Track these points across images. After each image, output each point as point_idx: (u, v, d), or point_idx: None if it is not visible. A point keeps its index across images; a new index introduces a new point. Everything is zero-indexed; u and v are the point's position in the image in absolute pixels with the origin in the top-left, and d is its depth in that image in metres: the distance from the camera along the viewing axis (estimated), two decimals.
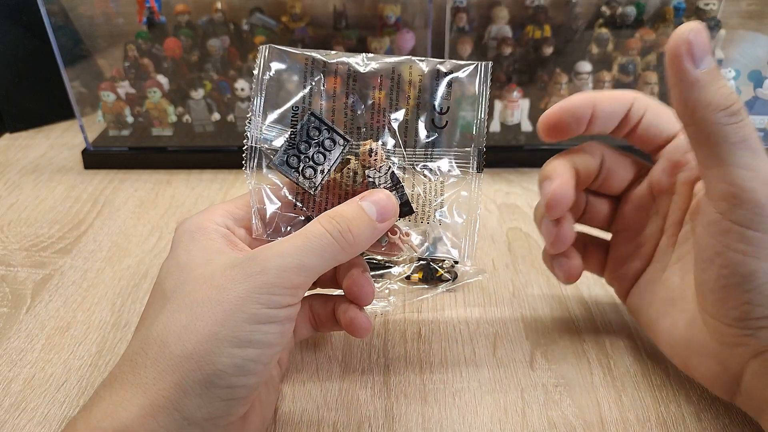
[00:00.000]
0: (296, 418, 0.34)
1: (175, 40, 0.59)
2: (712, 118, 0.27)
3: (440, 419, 0.33)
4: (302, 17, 0.59)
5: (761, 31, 0.59)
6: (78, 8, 0.59)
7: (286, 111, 0.33)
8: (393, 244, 0.33)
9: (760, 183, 0.27)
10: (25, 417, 0.34)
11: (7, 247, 0.49)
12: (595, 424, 0.33)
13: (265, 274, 0.27)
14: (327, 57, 0.33)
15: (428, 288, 0.43)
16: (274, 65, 0.33)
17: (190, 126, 0.61)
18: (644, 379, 0.36)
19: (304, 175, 0.32)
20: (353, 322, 0.32)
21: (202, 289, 0.27)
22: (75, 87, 0.59)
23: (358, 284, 0.32)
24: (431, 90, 0.33)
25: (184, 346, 0.26)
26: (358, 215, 0.29)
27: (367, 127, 0.33)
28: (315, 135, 0.32)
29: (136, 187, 0.57)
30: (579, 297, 0.42)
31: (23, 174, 0.60)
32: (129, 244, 0.49)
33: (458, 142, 0.34)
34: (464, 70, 0.33)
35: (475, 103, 0.33)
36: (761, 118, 0.57)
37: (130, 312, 0.41)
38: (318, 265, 0.28)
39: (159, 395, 0.25)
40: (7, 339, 0.39)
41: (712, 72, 0.27)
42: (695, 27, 0.27)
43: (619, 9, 0.57)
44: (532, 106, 0.60)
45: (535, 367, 0.37)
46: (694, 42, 0.27)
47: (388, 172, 0.32)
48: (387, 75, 0.33)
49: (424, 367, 0.37)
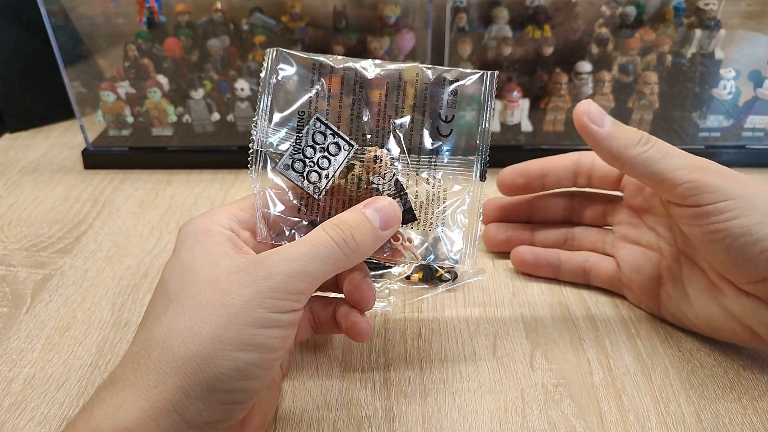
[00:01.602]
0: (296, 418, 0.34)
1: (175, 40, 0.59)
2: (634, 152, 0.34)
3: (440, 419, 0.33)
4: (302, 17, 0.59)
5: (761, 31, 0.59)
6: (78, 8, 0.59)
7: (291, 115, 0.33)
8: (396, 250, 0.33)
9: (699, 171, 0.33)
10: (25, 417, 0.34)
11: (7, 247, 0.49)
12: (595, 424, 0.33)
13: (270, 279, 0.27)
14: (334, 62, 0.33)
15: (428, 288, 0.43)
16: (281, 69, 0.33)
17: (190, 126, 0.61)
18: (644, 379, 0.36)
19: (308, 179, 0.32)
20: (354, 327, 0.33)
21: (206, 291, 0.27)
22: (75, 87, 0.59)
23: (360, 289, 0.33)
24: (436, 98, 0.33)
25: (186, 349, 0.26)
26: (362, 223, 0.30)
27: (372, 134, 0.33)
28: (320, 140, 0.32)
29: (136, 187, 0.57)
30: (579, 297, 0.42)
31: (23, 174, 0.60)
32: (129, 244, 0.49)
33: (462, 150, 0.34)
34: (470, 79, 0.33)
35: (474, 108, 0.33)
36: (761, 118, 0.57)
37: (131, 312, 0.41)
38: (322, 271, 0.28)
39: (160, 398, 0.25)
40: (7, 339, 0.39)
41: (614, 123, 0.35)
42: (586, 102, 0.35)
43: (619, 9, 0.57)
44: (532, 106, 0.60)
45: (535, 367, 0.37)
46: (591, 111, 0.35)
47: (392, 179, 0.32)
48: (393, 81, 0.33)
49: (424, 367, 0.37)
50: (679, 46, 0.58)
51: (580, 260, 0.42)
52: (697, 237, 0.34)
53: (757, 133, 0.57)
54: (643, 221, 0.40)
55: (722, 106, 0.58)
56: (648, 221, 0.40)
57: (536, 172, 0.42)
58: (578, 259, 0.43)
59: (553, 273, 0.43)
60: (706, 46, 0.58)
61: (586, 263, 0.42)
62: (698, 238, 0.34)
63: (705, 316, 0.36)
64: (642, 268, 0.40)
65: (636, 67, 0.57)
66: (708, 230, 0.33)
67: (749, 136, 0.58)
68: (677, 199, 0.34)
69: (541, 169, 0.42)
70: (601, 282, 0.42)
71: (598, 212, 0.43)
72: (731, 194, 0.32)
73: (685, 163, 0.34)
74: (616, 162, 0.35)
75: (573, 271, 0.43)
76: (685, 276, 0.37)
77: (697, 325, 0.37)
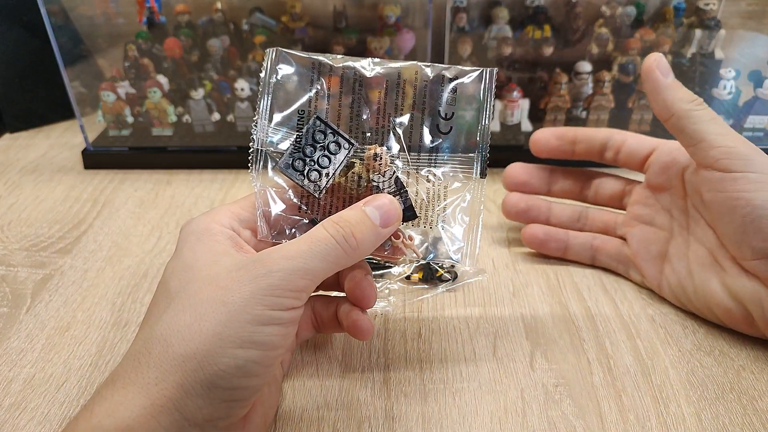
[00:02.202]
0: (296, 418, 0.34)
1: (175, 40, 0.59)
2: (686, 106, 0.37)
3: (440, 419, 0.33)
4: (302, 17, 0.59)
5: (761, 31, 0.59)
6: (78, 8, 0.59)
7: (291, 114, 0.33)
8: (396, 248, 0.33)
9: (736, 140, 0.36)
10: (25, 417, 0.34)
11: (7, 247, 0.49)
12: (595, 424, 0.33)
13: (270, 276, 0.27)
14: (333, 61, 0.33)
15: (428, 288, 0.43)
16: (281, 68, 0.33)
17: (190, 126, 0.61)
18: (644, 379, 0.36)
19: (309, 178, 0.32)
20: (355, 325, 0.33)
21: (206, 289, 0.27)
22: (75, 87, 0.59)
23: (361, 287, 0.33)
24: (436, 95, 0.33)
25: (187, 346, 0.26)
26: (362, 220, 0.30)
27: (372, 132, 0.33)
28: (320, 138, 0.32)
29: (136, 187, 0.57)
30: (579, 297, 0.42)
31: (23, 174, 0.60)
32: (129, 244, 0.49)
33: (462, 147, 0.34)
34: (469, 76, 0.33)
35: (474, 105, 0.33)
36: (761, 118, 0.57)
37: (131, 312, 0.41)
38: (322, 269, 0.28)
39: (161, 395, 0.25)
40: (7, 339, 0.39)
41: (676, 81, 0.38)
42: (658, 55, 0.38)
43: (619, 9, 0.57)
44: (532, 106, 0.60)
45: (535, 367, 0.37)
46: (661, 63, 0.38)
47: (392, 176, 0.32)
48: (392, 80, 0.33)
49: (424, 367, 0.37)
50: (679, 46, 0.58)
51: (588, 239, 0.45)
52: (717, 203, 0.36)
53: (757, 133, 0.57)
54: (659, 202, 0.42)
55: (722, 106, 0.58)
56: (664, 202, 0.42)
57: (570, 137, 0.44)
58: (587, 237, 0.45)
59: (562, 251, 0.45)
60: (706, 46, 0.58)
61: (594, 241, 0.45)
62: (717, 205, 0.36)
63: (703, 293, 0.38)
64: (651, 245, 0.42)
65: (636, 67, 0.57)
66: (730, 197, 0.35)
67: (749, 136, 0.57)
68: (709, 161, 0.36)
69: (575, 135, 0.44)
70: (607, 258, 0.44)
71: (616, 192, 0.45)
72: (761, 168, 0.35)
73: (726, 131, 0.36)
74: (666, 112, 0.38)
75: (580, 250, 0.45)
76: (691, 254, 0.39)
77: (694, 302, 0.39)
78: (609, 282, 0.44)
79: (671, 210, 0.41)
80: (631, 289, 0.43)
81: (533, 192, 0.47)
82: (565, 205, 0.46)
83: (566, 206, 0.46)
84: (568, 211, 0.46)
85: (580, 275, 0.44)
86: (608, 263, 0.44)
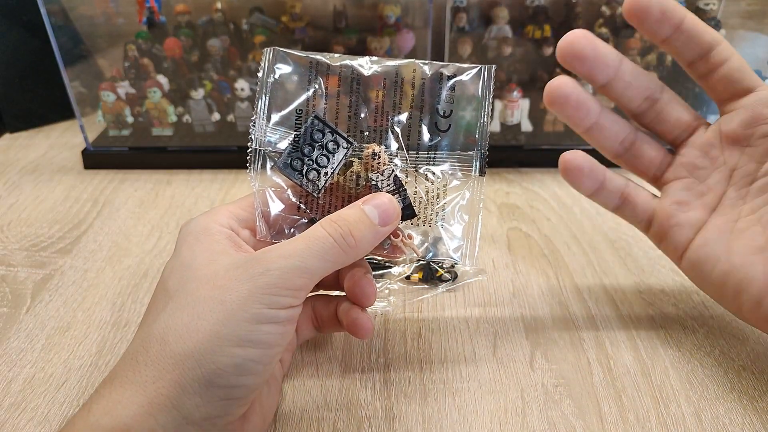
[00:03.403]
0: (296, 418, 0.34)
1: (175, 40, 0.59)
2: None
3: (440, 419, 0.33)
4: (302, 17, 0.59)
5: (761, 31, 0.59)
6: (78, 8, 0.59)
7: (290, 113, 0.33)
8: (395, 247, 0.33)
9: None
10: (25, 417, 0.34)
11: (7, 247, 0.49)
12: (595, 424, 0.33)
13: (268, 275, 0.27)
14: (331, 60, 0.33)
15: (428, 288, 0.43)
16: (278, 68, 0.33)
17: (190, 126, 0.61)
18: (644, 379, 0.36)
19: (307, 177, 0.32)
20: (355, 323, 0.33)
21: (204, 288, 0.27)
22: (75, 87, 0.59)
23: (360, 285, 0.33)
24: (434, 93, 0.33)
25: (184, 345, 0.26)
26: (361, 219, 0.30)
27: (370, 131, 0.33)
28: (319, 138, 0.32)
29: (136, 187, 0.57)
30: (579, 297, 0.42)
31: (23, 174, 0.60)
32: (129, 244, 0.49)
33: (461, 145, 0.34)
34: (467, 74, 0.33)
35: (473, 103, 0.33)
36: None
37: (131, 312, 0.41)
38: (320, 267, 0.28)
39: (158, 393, 0.25)
40: (7, 339, 0.39)
41: None
42: None
43: (619, 9, 0.57)
44: (532, 106, 0.60)
45: (535, 367, 0.37)
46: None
47: (391, 175, 0.32)
48: (390, 78, 0.33)
49: (424, 367, 0.37)
50: None
51: (621, 183, 0.38)
52: None
53: None
54: (724, 156, 0.35)
55: None
56: (731, 159, 0.35)
57: (678, 17, 0.34)
58: (620, 181, 0.38)
59: (596, 188, 0.37)
60: None
61: (626, 187, 0.38)
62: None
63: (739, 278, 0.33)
64: (690, 210, 0.36)
65: None
66: None
67: None
68: None
69: (683, 18, 0.34)
70: (633, 210, 0.38)
71: (682, 122, 0.36)
72: None
73: None
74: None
75: (611, 193, 0.38)
76: (739, 231, 0.34)
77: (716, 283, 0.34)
78: (609, 282, 0.44)
79: (735, 172, 0.34)
80: (631, 289, 0.43)
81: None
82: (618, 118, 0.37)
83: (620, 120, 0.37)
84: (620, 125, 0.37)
85: (580, 275, 0.44)
86: (630, 217, 0.38)
